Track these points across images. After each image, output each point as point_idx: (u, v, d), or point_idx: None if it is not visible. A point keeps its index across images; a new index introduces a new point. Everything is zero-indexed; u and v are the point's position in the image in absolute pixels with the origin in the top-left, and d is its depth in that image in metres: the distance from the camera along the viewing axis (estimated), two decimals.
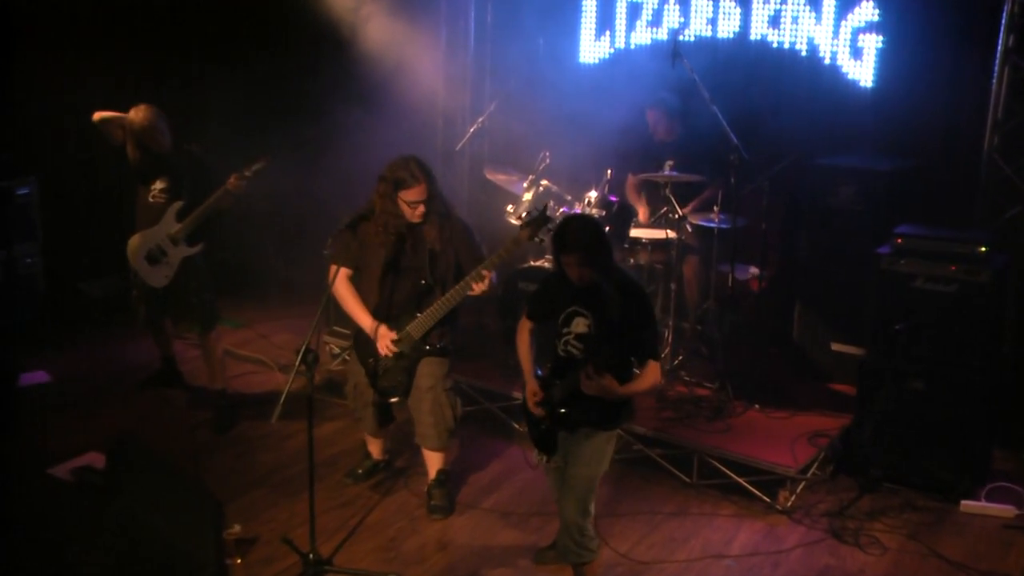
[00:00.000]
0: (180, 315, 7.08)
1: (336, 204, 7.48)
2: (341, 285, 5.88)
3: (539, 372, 5.12)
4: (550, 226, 5.54)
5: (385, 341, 5.82)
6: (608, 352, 4.67)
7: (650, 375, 4.86)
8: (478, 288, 5.61)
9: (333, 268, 5.85)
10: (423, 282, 5.81)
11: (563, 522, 5.11)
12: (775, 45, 7.84)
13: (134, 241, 6.92)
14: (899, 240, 6.42)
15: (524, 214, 7.29)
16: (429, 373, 5.89)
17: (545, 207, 5.68)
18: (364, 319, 5.87)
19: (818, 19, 7.65)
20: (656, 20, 8.35)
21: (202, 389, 7.54)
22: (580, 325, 4.94)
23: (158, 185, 6.83)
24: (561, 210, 7.56)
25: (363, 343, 5.96)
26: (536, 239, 5.63)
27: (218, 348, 7.23)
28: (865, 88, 7.53)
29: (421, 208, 5.70)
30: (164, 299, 7.03)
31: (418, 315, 5.80)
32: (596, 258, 4.79)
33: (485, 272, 5.59)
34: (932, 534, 5.97)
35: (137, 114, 6.70)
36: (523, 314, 5.26)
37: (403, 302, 5.85)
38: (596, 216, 7.18)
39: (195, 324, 7.07)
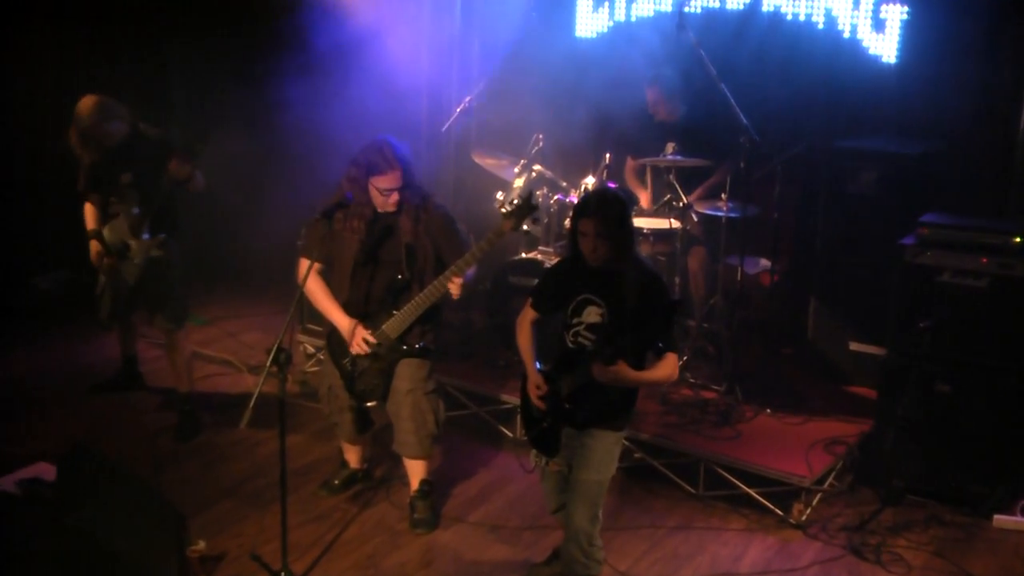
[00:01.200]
0: (157, 308, 7.00)
1: (311, 190, 7.45)
2: (312, 281, 5.87)
3: (540, 367, 5.12)
4: (536, 216, 5.51)
5: (359, 339, 5.80)
6: (623, 343, 4.64)
7: (667, 366, 4.87)
8: (455, 286, 5.61)
9: (304, 262, 5.84)
10: (399, 277, 5.80)
11: (570, 530, 5.11)
12: (789, 17, 7.83)
13: (107, 233, 6.88)
14: (925, 230, 6.39)
15: (512, 201, 7.26)
16: (408, 375, 5.88)
17: (530, 195, 5.63)
18: (338, 317, 5.87)
19: None
20: None
21: (165, 392, 7.53)
22: (592, 314, 4.94)
23: (125, 179, 6.76)
24: (556, 197, 7.56)
25: (338, 343, 5.95)
26: (520, 230, 5.58)
27: (187, 347, 7.22)
28: (888, 64, 7.52)
29: (395, 196, 5.69)
30: (136, 292, 6.97)
31: (395, 312, 5.80)
32: (616, 231, 4.80)
33: (456, 278, 5.57)
34: (961, 551, 5.95)
35: (84, 109, 6.59)
36: (526, 304, 5.24)
37: (379, 298, 5.85)
38: None
39: (169, 319, 7.02)
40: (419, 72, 9.31)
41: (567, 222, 6.56)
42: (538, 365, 5.12)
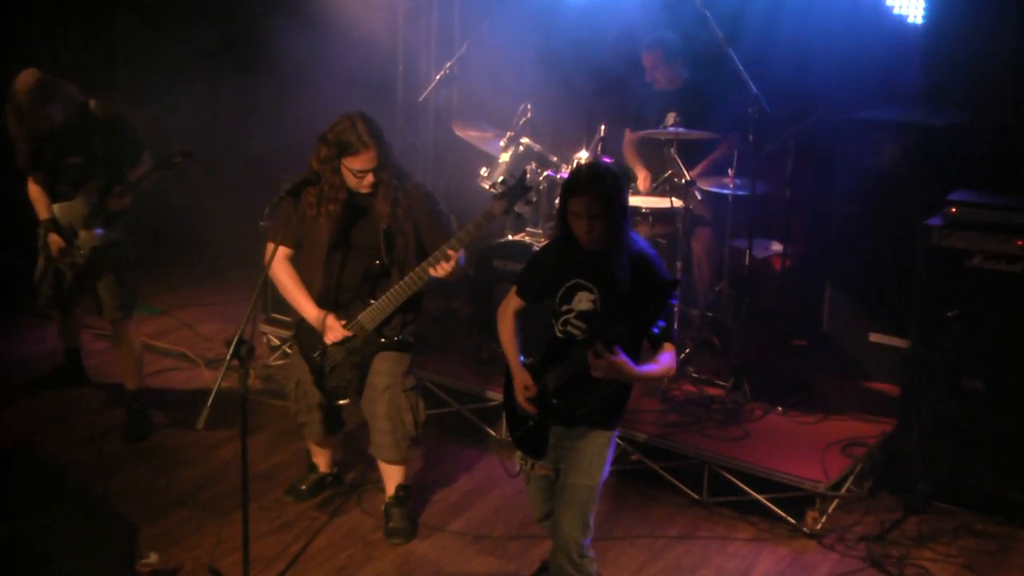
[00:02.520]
0: (103, 295, 6.94)
1: (275, 164, 7.44)
2: (279, 268, 5.87)
3: (524, 360, 5.11)
4: (529, 197, 5.52)
5: (334, 333, 5.78)
6: (618, 331, 4.62)
7: (665, 359, 4.86)
8: (442, 270, 5.60)
9: (269, 247, 5.81)
10: (377, 263, 5.79)
11: (559, 540, 5.09)
12: None
13: (57, 212, 6.83)
14: (953, 209, 6.39)
15: (500, 180, 7.26)
16: (385, 370, 5.86)
17: (524, 174, 5.60)
18: (308, 308, 5.85)
19: None
20: None
21: (112, 389, 7.50)
22: (583, 301, 4.91)
23: (73, 162, 6.70)
24: (546, 173, 7.56)
25: (307, 334, 5.93)
26: (512, 212, 5.60)
27: (136, 339, 7.20)
28: (914, 25, 7.54)
29: (369, 177, 5.68)
30: (80, 279, 6.93)
31: (372, 302, 5.78)
32: (610, 209, 4.76)
33: (450, 252, 5.57)
34: (994, 564, 5.94)
35: (21, 87, 6.51)
36: (511, 292, 5.21)
37: (354, 286, 5.83)
38: None
39: (116, 307, 6.98)
40: (393, 35, 9.28)
41: (558, 201, 6.53)
42: (522, 359, 5.11)
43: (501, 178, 7.35)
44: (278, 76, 8.52)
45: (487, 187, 7.48)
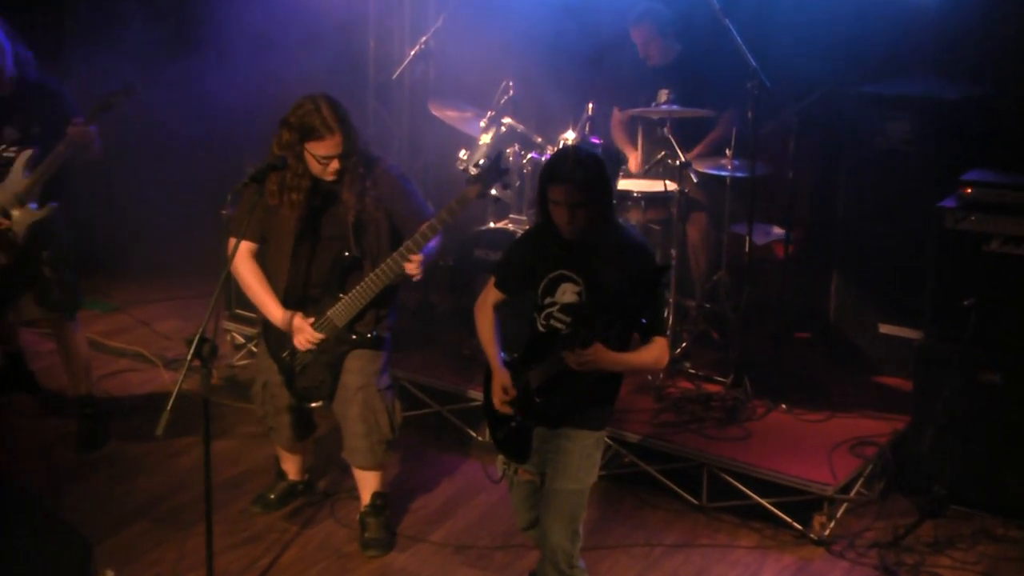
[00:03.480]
0: (40, 295, 6.89)
1: (236, 148, 7.40)
2: (242, 265, 5.87)
3: (504, 356, 5.11)
4: (506, 180, 5.50)
5: (304, 334, 5.78)
6: (602, 324, 4.61)
7: (655, 349, 4.86)
8: (412, 270, 5.61)
9: (232, 240, 5.80)
10: (347, 255, 5.79)
11: (546, 549, 5.10)
12: None
13: None
14: (968, 190, 6.39)
15: (481, 162, 7.24)
16: (358, 370, 5.86)
17: (499, 154, 5.58)
18: (273, 310, 5.85)
19: None
20: None
21: (62, 394, 7.47)
22: (567, 293, 4.91)
23: (8, 135, 6.66)
24: (529, 156, 7.56)
25: (274, 331, 5.92)
26: (488, 196, 5.54)
27: (82, 340, 7.15)
28: None
29: (335, 164, 5.67)
30: (13, 272, 6.85)
31: (342, 296, 5.78)
32: (594, 196, 4.76)
33: (413, 255, 5.57)
34: (1016, 571, 5.93)
35: None
36: (488, 284, 5.22)
37: (323, 280, 5.83)
38: None
39: (54, 305, 6.92)
40: (363, 7, 9.24)
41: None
42: (503, 356, 5.11)
43: (479, 161, 7.35)
44: (238, 53, 8.48)
45: (468, 170, 7.45)
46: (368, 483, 6.05)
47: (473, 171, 5.54)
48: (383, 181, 5.79)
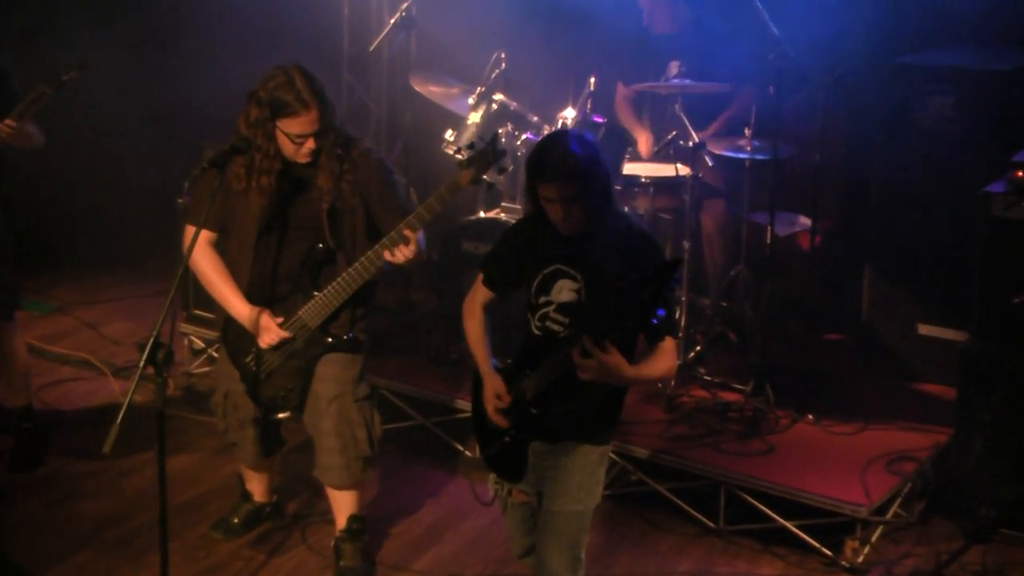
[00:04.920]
0: None
1: (194, 130, 7.39)
2: (201, 256, 5.85)
3: (496, 363, 5.09)
4: (501, 164, 5.53)
5: (270, 333, 5.75)
6: (606, 325, 4.57)
7: (665, 357, 4.83)
8: (400, 255, 5.60)
9: (189, 230, 5.81)
10: (320, 247, 5.79)
11: None
12: None
13: None
14: (1020, 173, 6.40)
15: (469, 145, 7.21)
16: (332, 377, 5.86)
17: (495, 135, 5.58)
18: (237, 304, 5.83)
19: None
20: None
21: None
22: (565, 291, 4.89)
23: None
24: (524, 136, 7.57)
25: (236, 335, 5.92)
26: (482, 182, 5.62)
27: (20, 345, 7.13)
28: None
29: (309, 143, 5.67)
30: None
31: (315, 294, 5.78)
32: (590, 188, 4.73)
33: (408, 232, 5.56)
34: None
35: None
36: (477, 280, 5.20)
37: (292, 276, 5.83)
38: None
39: None
40: None
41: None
42: (494, 362, 5.08)
43: (470, 142, 7.32)
44: (198, 25, 8.48)
45: (453, 153, 7.45)
46: (344, 505, 6.04)
47: (465, 154, 5.50)
48: (360, 165, 5.78)
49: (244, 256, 5.82)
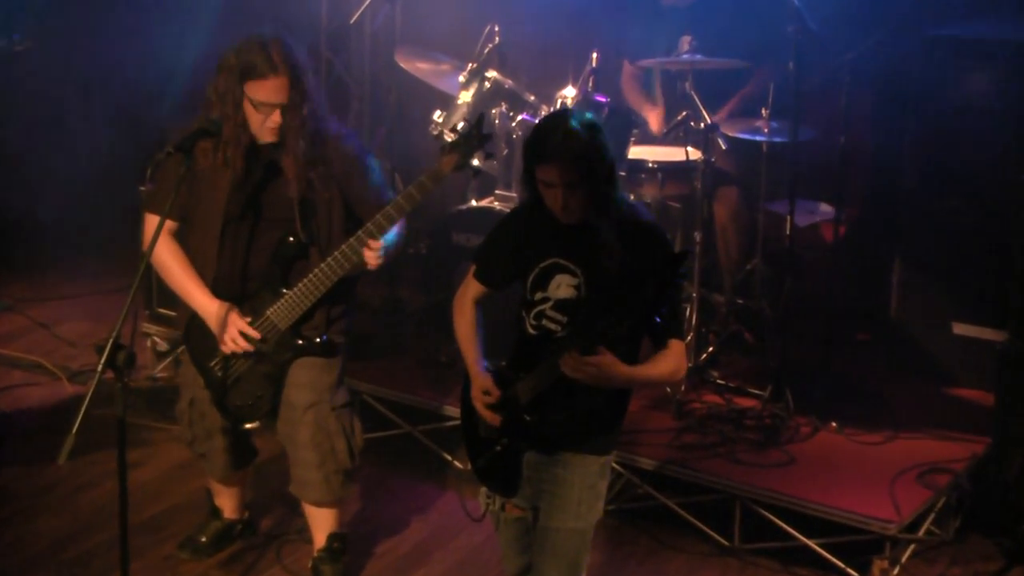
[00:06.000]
0: None
1: (156, 114, 7.39)
2: (163, 248, 5.80)
3: (487, 365, 5.07)
4: (490, 148, 5.51)
5: (235, 332, 5.73)
6: (605, 326, 4.56)
7: (671, 358, 4.82)
8: (370, 258, 5.60)
9: (151, 220, 5.80)
10: (290, 240, 5.77)
11: None
12: None
13: None
14: None
15: (460, 126, 7.22)
16: (307, 383, 5.85)
17: (481, 117, 5.56)
18: (202, 299, 5.80)
19: None
20: None
21: None
22: (563, 286, 4.87)
23: None
24: (520, 118, 7.57)
25: (201, 336, 5.88)
26: (469, 168, 5.61)
27: None
28: None
29: (276, 117, 5.64)
30: None
31: (285, 292, 5.76)
32: (594, 172, 4.72)
33: (373, 240, 5.56)
34: None
35: None
36: (468, 274, 5.18)
37: (261, 272, 5.82)
38: None
39: None
40: None
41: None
42: (485, 364, 5.07)
43: (461, 123, 7.33)
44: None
45: (438, 137, 7.46)
46: (322, 522, 6.05)
47: (449, 137, 5.49)
48: (339, 149, 5.78)
49: (208, 250, 5.79)
